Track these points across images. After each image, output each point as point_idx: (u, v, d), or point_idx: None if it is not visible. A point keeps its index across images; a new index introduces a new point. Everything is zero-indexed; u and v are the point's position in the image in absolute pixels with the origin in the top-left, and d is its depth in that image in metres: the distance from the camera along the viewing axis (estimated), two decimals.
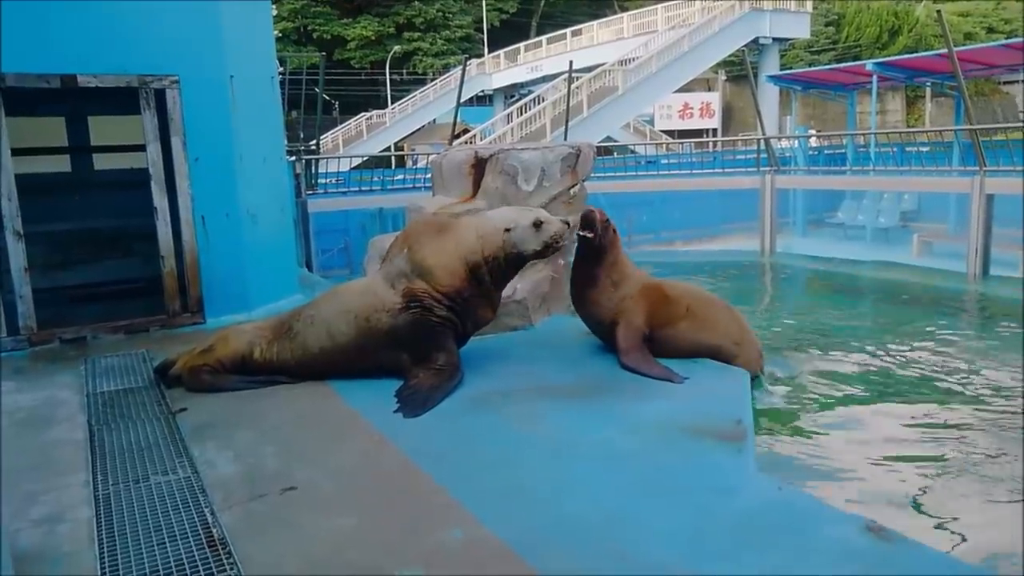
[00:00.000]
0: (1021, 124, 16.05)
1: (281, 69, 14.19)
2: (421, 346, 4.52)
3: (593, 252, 5.17)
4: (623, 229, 5.80)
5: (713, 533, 2.79)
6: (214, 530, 2.85)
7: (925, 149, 16.57)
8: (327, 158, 15.29)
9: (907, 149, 16.51)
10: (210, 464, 3.50)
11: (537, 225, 4.62)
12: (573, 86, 19.60)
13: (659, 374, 4.70)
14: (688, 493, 3.12)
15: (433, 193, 6.91)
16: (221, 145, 6.46)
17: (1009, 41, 18.52)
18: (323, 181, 13.63)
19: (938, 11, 13.40)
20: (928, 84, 21.61)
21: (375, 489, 3.23)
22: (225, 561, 2.63)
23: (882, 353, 6.71)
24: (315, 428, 3.97)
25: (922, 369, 6.24)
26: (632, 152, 24.89)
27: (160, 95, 6.14)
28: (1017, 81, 47.28)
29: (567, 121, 17.42)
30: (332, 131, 34.27)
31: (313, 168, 13.16)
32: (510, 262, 4.68)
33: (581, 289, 5.31)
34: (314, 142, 14.03)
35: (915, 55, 22.12)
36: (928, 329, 7.76)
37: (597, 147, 8.14)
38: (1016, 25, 50.30)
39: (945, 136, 16.53)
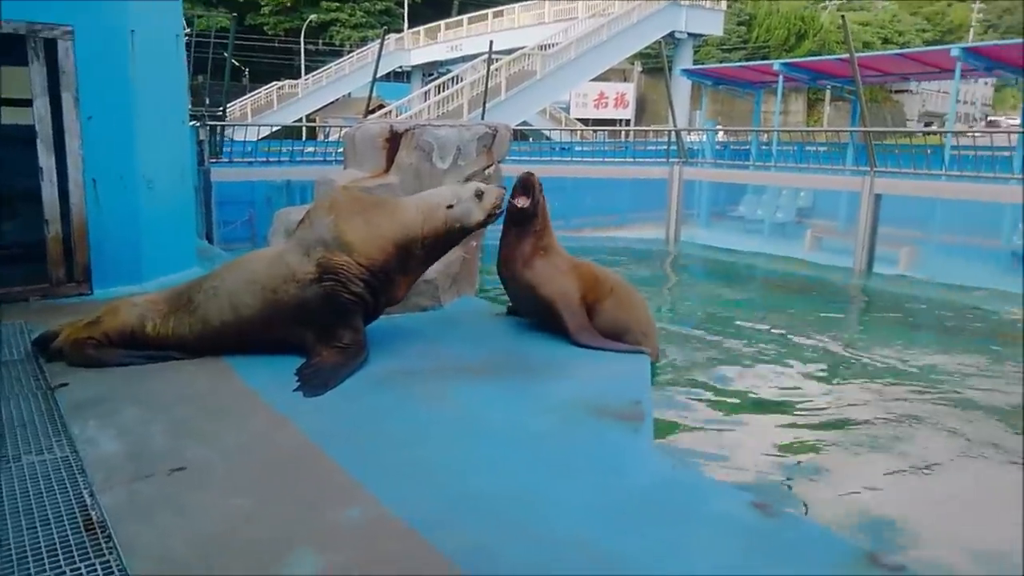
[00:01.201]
0: (909, 129, 17.14)
1: (188, 30, 13.47)
2: (328, 322, 4.40)
3: (526, 218, 5.21)
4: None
5: (611, 509, 2.86)
6: (92, 512, 2.68)
7: (823, 149, 17.45)
8: (234, 125, 14.68)
9: (806, 148, 17.33)
10: (91, 442, 3.30)
11: (479, 195, 4.68)
12: (492, 67, 19.51)
13: (615, 347, 4.95)
14: (589, 471, 3.19)
15: (345, 166, 6.74)
16: (117, 104, 6.07)
17: (903, 51, 19.67)
18: (229, 150, 13.06)
19: (842, 17, 14.06)
20: (828, 87, 22.72)
21: (271, 469, 3.13)
22: (104, 545, 2.48)
23: (771, 340, 7.06)
24: (209, 406, 3.79)
25: (808, 355, 6.60)
26: (547, 138, 25.05)
27: (51, 45, 5.69)
28: (907, 90, 50.46)
29: (485, 102, 17.33)
30: (241, 99, 32.86)
31: (218, 135, 12.58)
32: (452, 238, 4.70)
33: (511, 256, 5.32)
34: (220, 108, 13.41)
35: (819, 58, 23.22)
36: (814, 318, 8.19)
37: (513, 130, 8.15)
38: (909, 37, 53.62)
39: (841, 137, 17.44)
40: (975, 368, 6.38)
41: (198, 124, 11.62)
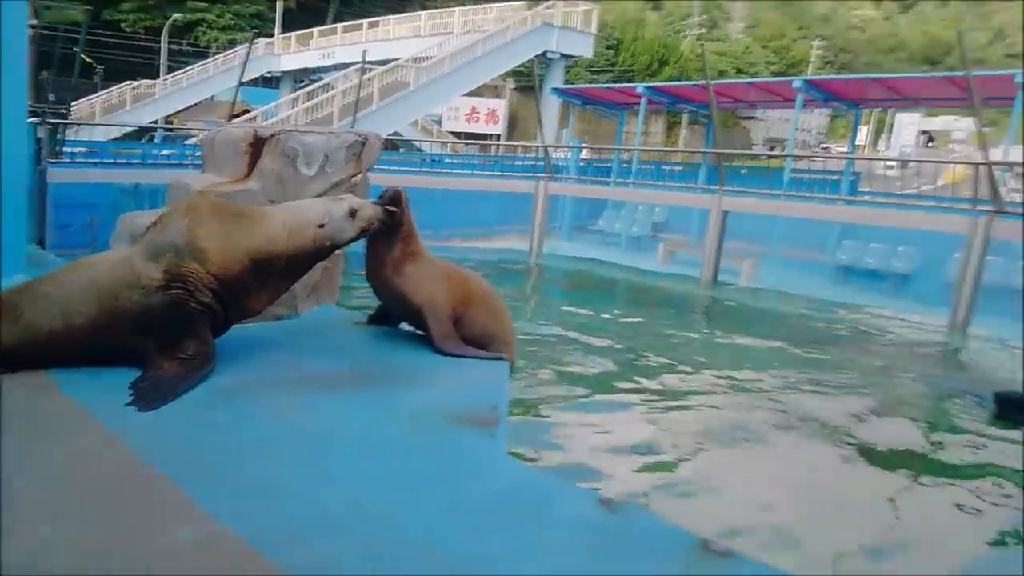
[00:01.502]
0: (754, 152, 18.55)
1: (36, 22, 12.41)
2: (173, 331, 4.14)
3: (393, 227, 5.16)
4: None
5: (463, 515, 2.87)
6: None
7: (678, 168, 18.51)
8: (77, 124, 13.62)
9: (663, 167, 18.32)
10: None
11: (352, 213, 4.53)
12: (365, 77, 19.27)
13: (476, 355, 4.98)
14: (443, 478, 3.19)
15: (203, 171, 6.41)
16: None
17: (753, 80, 21.28)
18: (73, 150, 12.11)
19: (701, 46, 15.01)
20: (686, 111, 24.14)
21: (94, 491, 2.85)
22: None
23: (624, 346, 7.39)
24: (25, 425, 3.40)
25: (657, 360, 6.96)
26: (418, 149, 24.99)
27: None
28: (754, 116, 54.49)
29: (356, 111, 17.08)
30: (90, 97, 30.57)
31: (60, 134, 11.64)
32: (319, 255, 4.56)
33: (380, 262, 5.25)
34: (65, 106, 12.42)
35: (679, 83, 24.66)
36: (664, 325, 8.66)
37: (384, 140, 8.08)
38: (759, 68, 58.01)
39: (695, 158, 18.55)
40: (805, 371, 6.97)
41: (37, 121, 10.71)
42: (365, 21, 36.28)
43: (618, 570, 2.54)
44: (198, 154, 10.18)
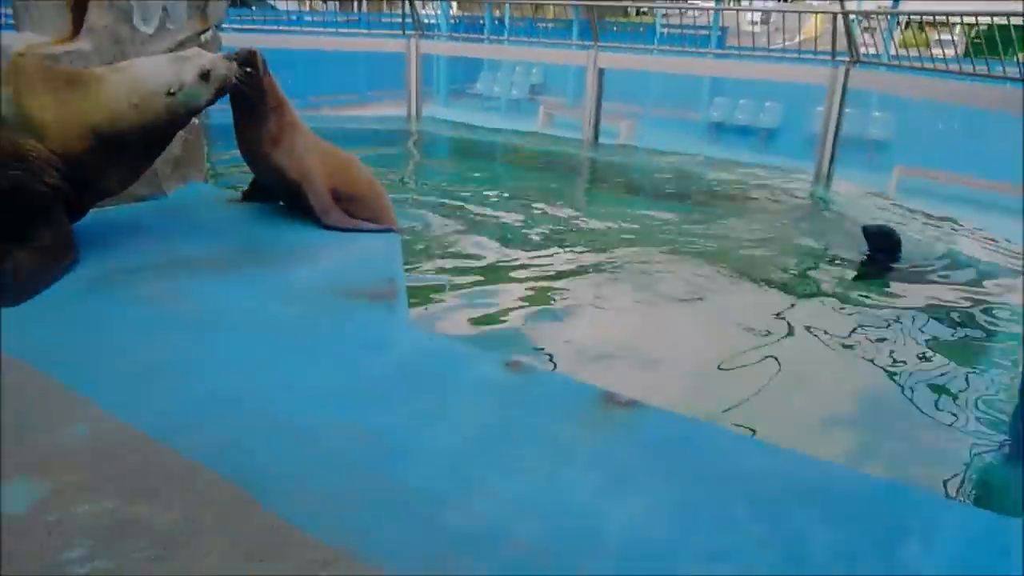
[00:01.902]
0: (628, 2, 18.29)
1: None
2: (21, 219, 3.70)
3: (256, 95, 4.72)
4: None
5: (369, 387, 2.84)
6: None
7: (551, 26, 18.02)
8: None
9: (537, 24, 17.78)
10: None
11: (205, 76, 4.02)
12: None
13: (364, 227, 4.79)
14: (343, 352, 3.13)
15: (18, 30, 5.54)
16: None
17: None
18: None
19: None
20: None
21: None
22: None
23: (512, 209, 7.41)
24: None
25: (545, 221, 7.06)
26: (272, 7, 22.87)
27: None
28: None
29: None
30: None
31: None
32: (175, 124, 4.10)
33: (253, 135, 4.86)
34: None
35: None
36: (550, 188, 8.73)
37: None
38: None
39: (568, 14, 18.07)
40: (686, 222, 7.28)
41: None
42: None
43: (526, 424, 2.62)
44: (7, 11, 8.83)
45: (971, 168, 10.28)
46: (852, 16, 9.61)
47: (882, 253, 6.06)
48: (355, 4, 28.56)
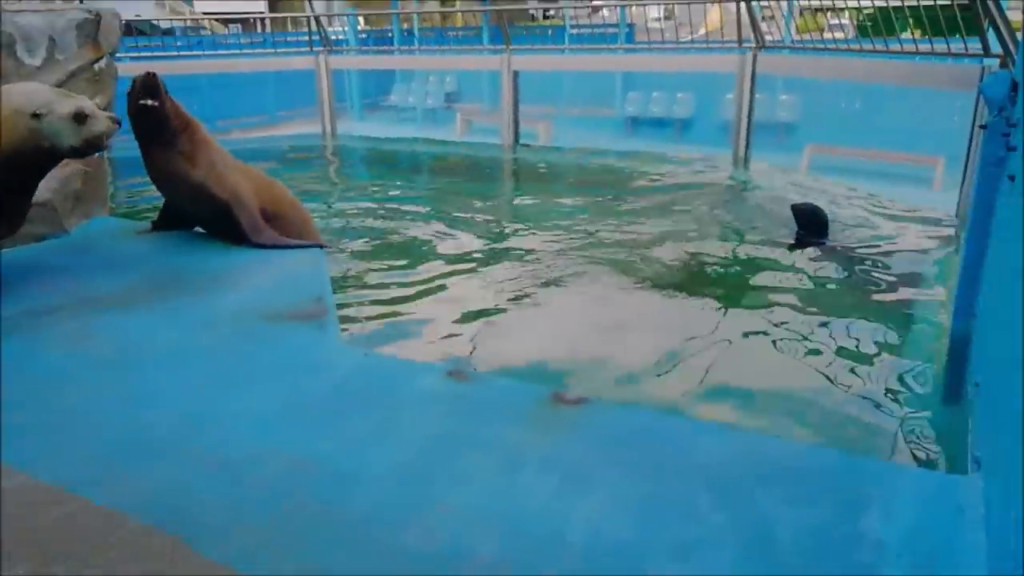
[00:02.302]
0: (540, 4, 18.47)
1: None
2: None
3: (159, 124, 4.52)
4: None
5: (304, 410, 2.70)
6: None
7: (461, 34, 18.01)
8: None
9: (447, 33, 17.74)
10: None
11: (80, 118, 3.60)
12: None
13: (291, 244, 4.68)
14: (275, 377, 2.97)
15: None
16: None
17: None
18: None
19: None
20: None
21: None
22: None
23: (438, 219, 7.29)
24: None
25: (474, 228, 6.96)
26: (170, 33, 22.10)
27: None
28: None
29: None
30: None
31: None
32: (33, 161, 3.66)
33: (168, 159, 4.61)
34: None
35: None
36: (475, 195, 8.63)
37: (128, 25, 6.94)
38: None
39: (476, 21, 18.10)
40: (614, 217, 7.31)
41: None
42: None
43: (476, 433, 2.52)
44: None
45: (875, 142, 10.75)
46: (754, 2, 9.91)
47: (810, 230, 6.21)
48: (258, 25, 27.95)
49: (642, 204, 7.99)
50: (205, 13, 33.09)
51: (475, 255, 6.02)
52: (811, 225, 6.24)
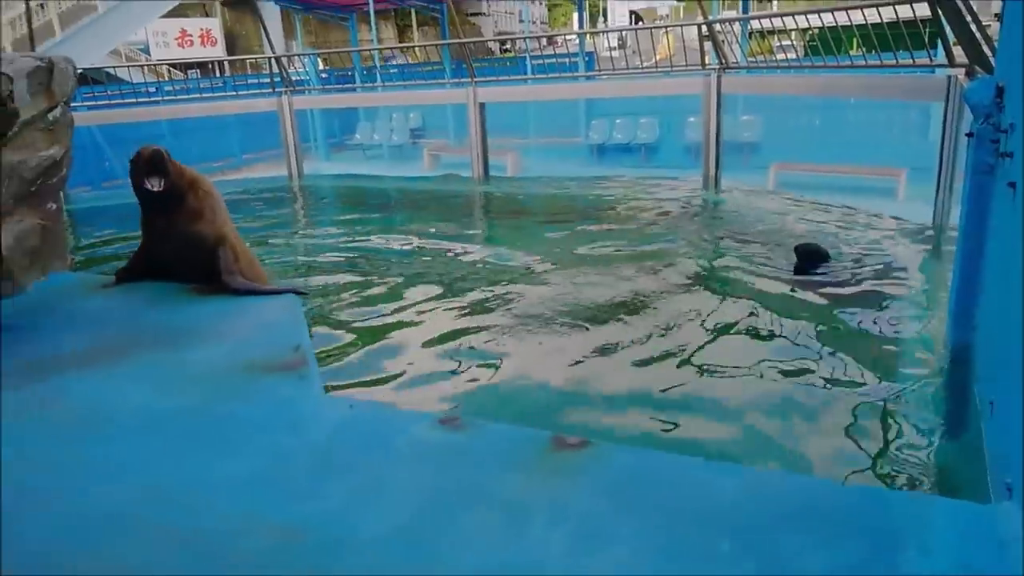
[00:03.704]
0: (507, 36, 18.59)
1: None
2: None
3: (170, 191, 4.46)
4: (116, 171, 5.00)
5: (287, 472, 2.51)
6: None
7: (424, 70, 18.05)
8: None
9: (408, 70, 17.76)
10: None
11: None
12: (35, 2, 16.15)
13: (266, 289, 4.65)
14: (255, 437, 2.77)
15: None
16: None
17: None
18: None
19: None
20: (414, 8, 23.41)
21: None
22: None
23: (412, 256, 7.13)
24: None
25: (450, 264, 6.80)
26: (127, 80, 21.84)
27: None
28: (481, 13, 54.72)
29: (32, 44, 14.32)
30: None
31: None
32: None
33: (171, 224, 4.57)
34: None
35: None
36: (448, 230, 8.49)
37: (83, 75, 6.77)
38: None
39: (438, 56, 18.14)
40: (593, 246, 7.20)
41: None
42: None
43: (475, 485, 2.35)
44: None
45: (836, 157, 10.89)
46: (716, 26, 10.05)
47: (811, 263, 6.04)
48: (217, 68, 27.79)
49: (623, 231, 7.92)
50: (162, 60, 32.85)
51: (453, 292, 5.84)
52: (812, 261, 6.09)
